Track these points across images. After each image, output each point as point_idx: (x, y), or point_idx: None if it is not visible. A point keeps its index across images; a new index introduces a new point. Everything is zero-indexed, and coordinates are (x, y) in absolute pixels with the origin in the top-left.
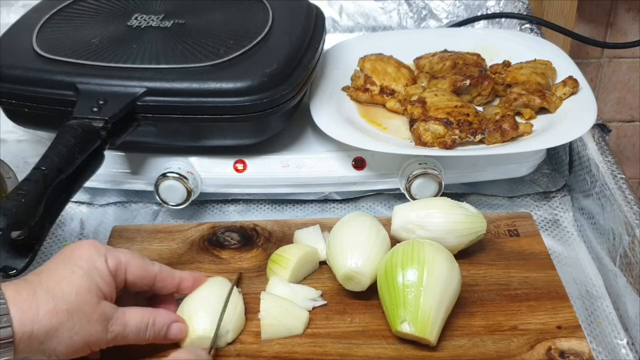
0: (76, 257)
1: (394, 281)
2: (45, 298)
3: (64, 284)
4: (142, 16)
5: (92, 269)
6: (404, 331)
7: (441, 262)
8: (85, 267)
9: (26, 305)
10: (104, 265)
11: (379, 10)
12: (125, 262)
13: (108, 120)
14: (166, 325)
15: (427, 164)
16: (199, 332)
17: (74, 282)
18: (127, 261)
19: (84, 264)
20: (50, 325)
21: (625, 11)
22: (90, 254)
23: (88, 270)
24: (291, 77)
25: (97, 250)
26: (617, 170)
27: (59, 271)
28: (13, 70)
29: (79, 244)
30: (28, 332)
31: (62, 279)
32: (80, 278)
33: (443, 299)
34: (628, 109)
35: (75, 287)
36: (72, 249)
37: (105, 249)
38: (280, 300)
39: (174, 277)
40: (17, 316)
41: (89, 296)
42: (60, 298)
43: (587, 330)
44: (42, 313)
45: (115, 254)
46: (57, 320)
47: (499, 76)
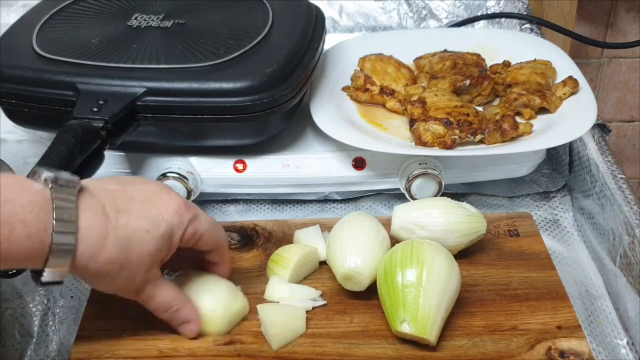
0: (160, 216)
1: (394, 281)
2: (112, 245)
3: (135, 239)
4: (142, 16)
5: (167, 235)
6: (404, 331)
7: (440, 262)
8: (163, 231)
9: (94, 242)
10: (179, 235)
11: (379, 10)
12: (201, 232)
13: (108, 120)
14: (184, 321)
15: (427, 164)
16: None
17: (145, 241)
18: (203, 232)
19: (163, 228)
20: (102, 270)
21: (625, 11)
22: (175, 220)
23: (163, 235)
24: (291, 77)
25: (182, 218)
26: (617, 170)
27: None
28: (13, 70)
29: (171, 198)
30: (84, 264)
31: (138, 231)
32: (152, 240)
33: (443, 298)
34: (628, 109)
35: (143, 247)
36: (164, 201)
37: (191, 218)
38: (277, 307)
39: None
40: (81, 249)
41: (147, 260)
42: (124, 252)
43: (587, 330)
44: (103, 256)
45: (196, 225)
46: (109, 268)
47: (499, 76)
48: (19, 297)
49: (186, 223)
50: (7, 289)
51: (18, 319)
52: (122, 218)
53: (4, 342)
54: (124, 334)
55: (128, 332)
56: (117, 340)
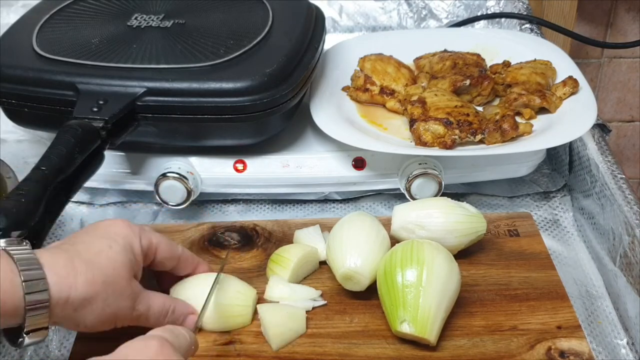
0: (112, 233)
1: (394, 281)
2: (84, 267)
3: (102, 257)
4: (142, 16)
5: (127, 246)
6: (404, 331)
7: (440, 262)
8: (122, 244)
9: (64, 271)
10: (138, 245)
11: (379, 10)
12: (156, 243)
13: (108, 120)
14: (183, 316)
15: (427, 164)
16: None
17: (111, 256)
18: (158, 242)
19: (120, 240)
20: (86, 293)
21: (625, 11)
22: (127, 232)
23: (124, 246)
24: (291, 77)
25: (132, 229)
26: (617, 170)
27: (95, 244)
28: (13, 70)
29: (114, 221)
30: (64, 297)
31: (100, 252)
32: (118, 253)
33: (443, 298)
34: (628, 109)
35: (113, 261)
36: (107, 225)
37: (139, 229)
38: (277, 307)
39: (193, 261)
40: (54, 281)
41: (124, 271)
42: (98, 269)
43: (587, 330)
44: (81, 281)
45: (148, 235)
46: (93, 289)
47: (499, 76)
48: None
49: (138, 233)
50: None
51: None
52: (80, 246)
53: (4, 342)
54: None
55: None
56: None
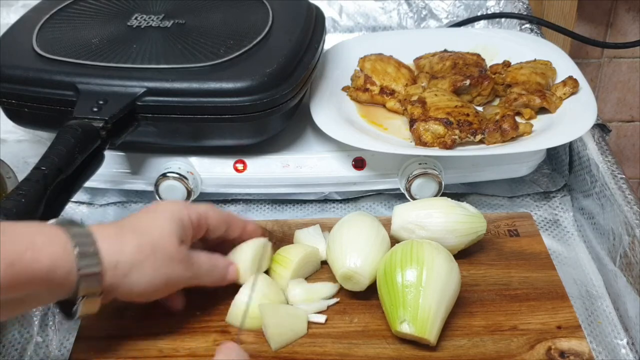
0: (161, 210)
1: (393, 281)
2: (132, 235)
3: (149, 226)
4: (142, 16)
5: (175, 217)
6: (404, 331)
7: (440, 262)
8: (169, 215)
9: (113, 239)
10: (187, 217)
11: (379, 10)
12: (205, 212)
13: (108, 120)
14: (225, 268)
15: (427, 164)
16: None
17: (159, 224)
18: (206, 211)
19: (167, 213)
20: (134, 258)
21: (625, 11)
22: (174, 207)
23: (171, 218)
24: (291, 77)
25: (178, 205)
26: (617, 170)
27: (144, 218)
28: (13, 70)
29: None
30: (114, 262)
31: (147, 223)
32: (164, 223)
33: (442, 298)
34: (628, 109)
35: (160, 229)
36: (156, 205)
37: (185, 205)
38: (279, 307)
39: (240, 221)
40: (104, 248)
41: (172, 238)
42: (146, 235)
43: (587, 330)
44: (129, 247)
45: (195, 208)
46: (141, 254)
47: (499, 76)
48: None
49: (185, 208)
50: None
51: (18, 319)
52: (128, 220)
53: (4, 342)
54: (124, 334)
55: (128, 332)
56: (117, 340)
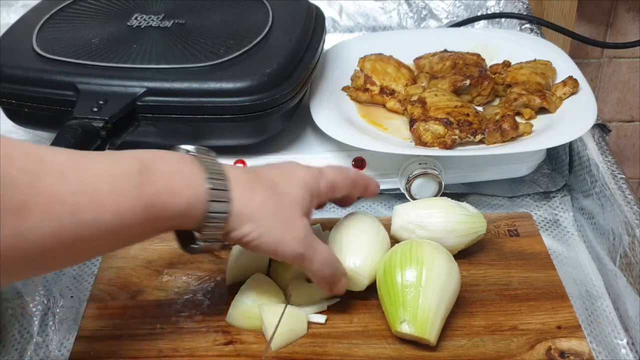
0: (293, 174)
1: (393, 281)
2: (262, 191)
3: (280, 187)
4: (142, 16)
5: (307, 187)
6: (404, 331)
7: (440, 262)
8: (302, 183)
9: (245, 188)
10: (317, 188)
11: (379, 10)
12: (334, 180)
13: (108, 120)
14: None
15: (427, 164)
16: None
17: (289, 190)
18: (335, 179)
19: (300, 181)
20: (257, 211)
21: (625, 11)
22: (308, 175)
23: (304, 186)
24: (291, 77)
25: (312, 173)
26: (617, 170)
27: (276, 177)
28: (13, 70)
29: (294, 164)
30: (238, 212)
31: (279, 184)
32: (295, 188)
33: (442, 298)
34: (628, 109)
35: (288, 195)
36: (290, 167)
37: (318, 173)
38: (279, 307)
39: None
40: (235, 196)
41: (297, 206)
42: (273, 197)
43: (587, 330)
44: (255, 201)
45: (327, 176)
46: (265, 210)
47: (499, 76)
48: (19, 297)
49: (318, 177)
50: (7, 289)
51: (18, 319)
52: (263, 173)
53: (4, 342)
54: (124, 334)
55: (128, 332)
56: (117, 340)
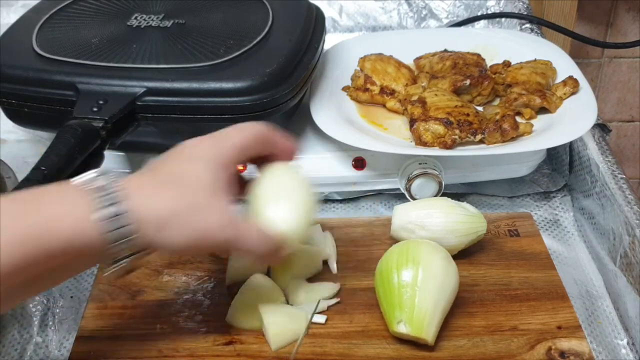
0: (196, 155)
1: (390, 282)
2: (167, 187)
3: (186, 176)
4: (142, 16)
5: (214, 163)
6: (401, 331)
7: (436, 262)
8: (207, 161)
9: (147, 191)
10: (227, 158)
11: (379, 10)
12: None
13: (108, 120)
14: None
15: (427, 164)
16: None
17: (196, 174)
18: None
19: (205, 159)
20: (170, 210)
21: (625, 11)
22: (212, 150)
23: (209, 164)
24: (291, 77)
25: (216, 145)
26: (618, 170)
27: (179, 165)
28: (13, 70)
29: (195, 141)
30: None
31: (184, 172)
32: (202, 171)
33: (439, 298)
34: (628, 109)
35: (196, 179)
36: (191, 146)
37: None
38: (279, 307)
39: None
40: (137, 204)
41: (211, 188)
42: (183, 187)
43: (587, 330)
44: (163, 201)
45: (234, 142)
46: (177, 206)
47: (499, 76)
48: None
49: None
50: None
51: (18, 319)
52: (163, 167)
53: (4, 342)
54: (124, 334)
55: (128, 332)
56: (117, 340)
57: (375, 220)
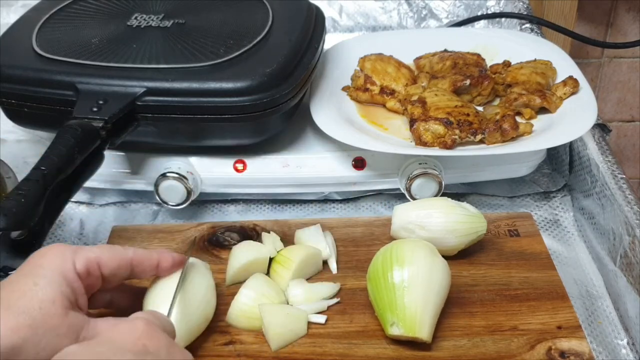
0: (39, 268)
1: (379, 286)
2: (6, 315)
3: (25, 299)
4: (142, 16)
5: (56, 277)
6: (395, 334)
7: (421, 259)
8: (49, 277)
9: None
10: (72, 271)
11: (379, 10)
12: (96, 258)
13: (108, 120)
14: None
15: (427, 163)
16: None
17: (36, 295)
18: (98, 257)
19: (47, 273)
20: (12, 342)
21: (625, 11)
22: (55, 262)
23: (52, 279)
24: (291, 77)
25: (62, 255)
26: (618, 170)
27: (19, 285)
28: (13, 70)
29: (44, 251)
30: None
31: (24, 294)
32: (43, 289)
33: (428, 294)
34: (628, 109)
35: (38, 301)
36: (36, 258)
37: (71, 252)
38: (279, 307)
39: (151, 258)
40: None
41: (54, 308)
42: (23, 313)
43: (588, 330)
44: (4, 331)
45: (83, 254)
46: (19, 336)
47: (499, 76)
48: None
49: (70, 258)
50: None
51: None
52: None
53: None
54: None
55: None
56: None
57: (375, 220)
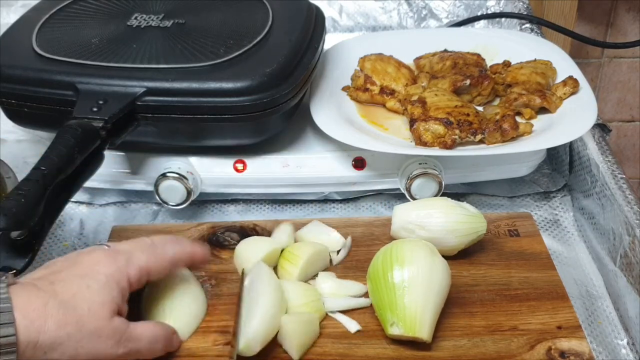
0: (94, 272)
1: (379, 286)
2: (57, 310)
3: (78, 298)
4: (142, 16)
5: (110, 283)
6: (395, 333)
7: (421, 259)
8: (103, 282)
9: (35, 314)
10: (125, 280)
11: (379, 10)
12: (147, 267)
13: (108, 120)
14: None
15: (427, 163)
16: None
17: (88, 296)
18: (148, 266)
19: (102, 278)
20: (56, 336)
21: (625, 11)
22: (111, 269)
23: (105, 284)
24: (291, 77)
25: (117, 266)
26: (618, 170)
27: (74, 284)
28: (13, 70)
29: (98, 257)
30: (33, 341)
31: (77, 293)
32: (96, 292)
33: (428, 294)
34: (628, 109)
35: (89, 302)
36: (90, 262)
37: (125, 260)
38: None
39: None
40: (23, 325)
41: (102, 311)
42: (72, 310)
43: (588, 330)
44: (51, 324)
45: (136, 264)
46: (64, 332)
47: (499, 76)
48: None
49: (125, 268)
50: None
51: None
52: (58, 286)
53: None
54: None
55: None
56: None
57: (375, 220)
